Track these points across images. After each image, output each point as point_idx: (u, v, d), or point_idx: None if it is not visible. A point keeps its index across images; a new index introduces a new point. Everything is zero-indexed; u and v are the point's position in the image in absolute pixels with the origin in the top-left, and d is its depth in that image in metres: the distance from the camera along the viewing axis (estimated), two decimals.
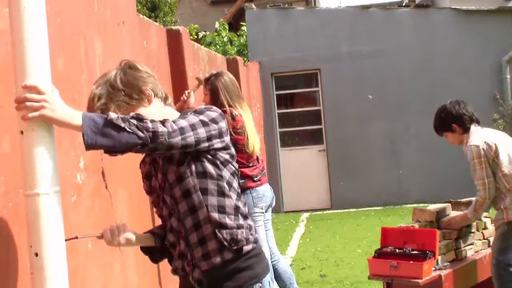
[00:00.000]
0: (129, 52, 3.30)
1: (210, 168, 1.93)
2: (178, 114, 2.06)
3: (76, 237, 1.91)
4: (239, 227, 1.95)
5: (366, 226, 8.09)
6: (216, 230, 1.92)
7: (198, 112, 1.94)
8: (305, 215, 9.68)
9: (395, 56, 9.82)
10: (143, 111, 1.94)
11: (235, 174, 2.03)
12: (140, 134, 1.71)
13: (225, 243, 1.91)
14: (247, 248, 1.95)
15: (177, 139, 1.79)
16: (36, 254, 1.64)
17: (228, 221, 1.93)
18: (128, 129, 1.69)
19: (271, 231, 4.38)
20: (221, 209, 1.94)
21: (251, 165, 4.10)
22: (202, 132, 1.87)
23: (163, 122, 1.79)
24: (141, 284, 3.26)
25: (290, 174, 10.17)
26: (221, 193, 1.94)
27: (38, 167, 1.64)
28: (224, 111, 4.03)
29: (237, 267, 1.93)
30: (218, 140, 1.94)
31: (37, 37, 1.64)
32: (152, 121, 1.77)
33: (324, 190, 10.11)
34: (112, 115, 1.70)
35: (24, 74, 1.63)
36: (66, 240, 1.72)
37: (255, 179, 4.09)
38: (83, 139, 1.64)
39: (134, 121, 1.72)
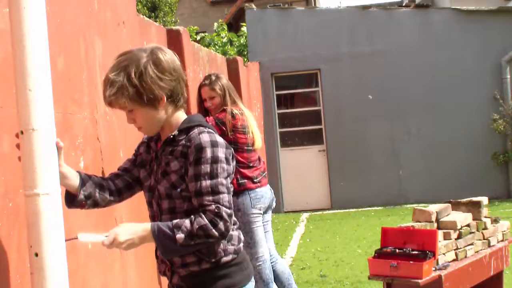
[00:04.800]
0: None
1: None
2: (185, 116, 1.98)
3: (76, 237, 1.91)
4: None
5: (366, 226, 8.09)
6: None
7: (213, 161, 1.86)
8: (305, 215, 9.68)
9: (395, 56, 9.81)
10: (150, 113, 1.89)
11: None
12: (209, 241, 1.84)
13: (202, 256, 1.91)
14: (225, 259, 1.93)
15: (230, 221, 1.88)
16: (36, 254, 1.64)
17: None
18: (194, 245, 1.83)
19: (270, 232, 4.34)
20: None
21: (251, 165, 4.07)
22: (228, 182, 1.91)
23: (219, 210, 1.84)
24: (141, 284, 3.26)
25: (290, 174, 10.16)
26: None
27: (38, 167, 1.64)
28: (224, 110, 4.03)
29: (215, 275, 1.93)
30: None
31: (37, 37, 1.64)
32: (218, 216, 1.83)
33: (324, 190, 10.11)
34: (179, 236, 1.80)
35: (24, 74, 1.63)
36: (66, 240, 1.72)
37: (255, 180, 4.05)
38: (161, 251, 1.87)
39: (201, 232, 1.81)
